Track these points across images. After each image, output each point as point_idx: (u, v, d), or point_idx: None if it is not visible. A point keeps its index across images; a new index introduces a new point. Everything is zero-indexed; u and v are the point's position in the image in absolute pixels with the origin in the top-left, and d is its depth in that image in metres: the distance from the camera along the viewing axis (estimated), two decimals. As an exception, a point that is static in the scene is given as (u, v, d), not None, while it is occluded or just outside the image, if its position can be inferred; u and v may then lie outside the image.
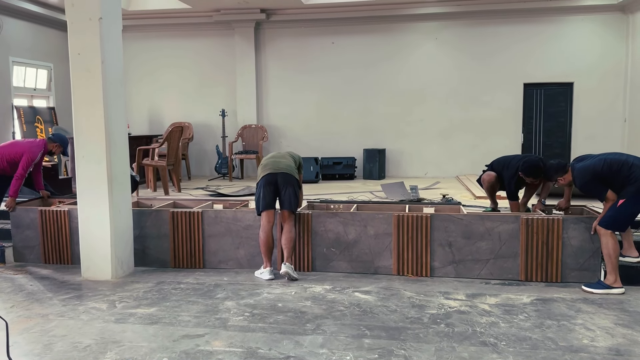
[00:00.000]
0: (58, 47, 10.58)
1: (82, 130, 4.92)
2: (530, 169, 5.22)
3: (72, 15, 4.84)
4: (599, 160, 4.55)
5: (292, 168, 5.19)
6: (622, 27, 9.48)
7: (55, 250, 5.66)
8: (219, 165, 10.28)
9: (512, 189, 5.50)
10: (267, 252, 5.01)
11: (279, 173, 5.05)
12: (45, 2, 9.68)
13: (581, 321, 3.85)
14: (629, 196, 4.41)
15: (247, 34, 10.47)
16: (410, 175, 10.22)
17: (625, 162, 4.48)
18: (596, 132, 9.76)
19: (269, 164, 5.17)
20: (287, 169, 5.13)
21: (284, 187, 5.02)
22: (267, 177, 5.04)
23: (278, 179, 5.03)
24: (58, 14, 10.15)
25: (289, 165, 5.19)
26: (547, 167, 4.90)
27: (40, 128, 9.81)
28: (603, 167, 4.50)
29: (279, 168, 5.09)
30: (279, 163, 5.15)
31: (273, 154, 5.39)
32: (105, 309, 4.18)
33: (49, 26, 10.27)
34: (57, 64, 10.50)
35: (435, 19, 10.05)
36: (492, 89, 10.05)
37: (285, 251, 5.01)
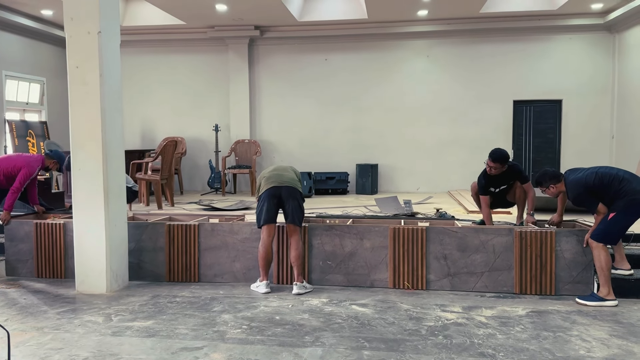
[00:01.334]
0: (51, 62, 10.59)
1: (79, 143, 4.93)
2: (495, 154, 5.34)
3: (71, 29, 4.87)
4: (590, 173, 4.64)
5: (295, 181, 5.18)
6: (608, 46, 9.71)
7: (49, 264, 5.62)
8: (211, 179, 10.27)
9: (482, 183, 5.55)
10: (266, 265, 5.01)
11: (283, 186, 5.03)
12: (39, 17, 9.71)
13: (577, 332, 3.90)
14: (619, 210, 4.49)
15: (241, 50, 10.56)
16: (402, 190, 10.29)
17: (616, 176, 4.57)
18: (584, 148, 9.92)
19: (272, 176, 5.12)
20: (291, 182, 5.12)
21: (288, 200, 5.00)
22: (271, 190, 5.00)
23: (282, 192, 5.01)
24: (52, 28, 10.18)
25: (293, 178, 5.18)
26: (542, 173, 4.93)
27: (32, 142, 9.76)
28: (595, 180, 4.59)
29: (283, 181, 5.07)
30: (283, 176, 5.13)
31: (275, 167, 5.35)
32: (101, 322, 4.15)
33: (42, 41, 10.28)
34: (49, 78, 10.49)
35: (427, 37, 10.21)
36: (482, 106, 10.20)
37: (295, 269, 4.98)
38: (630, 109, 9.17)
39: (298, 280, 4.97)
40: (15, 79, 9.73)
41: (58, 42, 10.67)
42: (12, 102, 9.72)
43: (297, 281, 4.96)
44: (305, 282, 5.04)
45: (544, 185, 4.87)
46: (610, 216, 4.51)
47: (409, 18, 9.78)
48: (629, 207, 4.48)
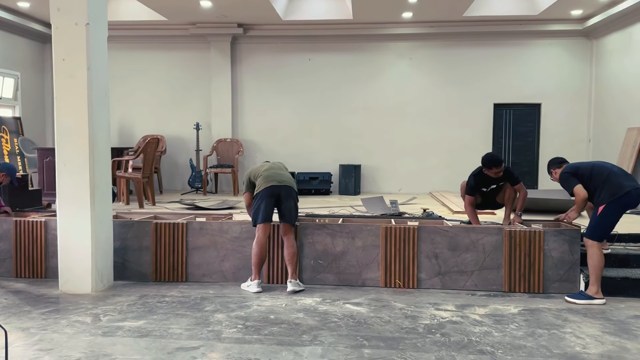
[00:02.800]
0: (26, 56, 10.28)
1: (65, 138, 4.77)
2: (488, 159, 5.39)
3: (57, 20, 4.72)
4: (586, 162, 4.88)
5: (292, 181, 5.16)
6: (586, 52, 9.95)
7: (28, 263, 5.43)
8: (192, 179, 10.12)
9: (471, 184, 5.59)
10: (259, 264, 4.94)
11: (282, 186, 4.98)
12: (15, 9, 9.41)
13: (570, 330, 3.95)
14: (606, 201, 4.56)
15: (223, 48, 10.44)
16: (384, 191, 10.32)
17: (609, 169, 4.71)
18: (562, 151, 10.08)
19: (270, 175, 5.04)
20: (290, 181, 5.09)
21: (286, 200, 4.97)
22: (271, 189, 4.94)
23: (281, 192, 4.96)
24: (27, 21, 9.88)
25: (291, 178, 5.18)
26: (551, 160, 5.13)
27: (5, 138, 9.44)
28: (586, 166, 4.79)
29: (282, 181, 5.02)
30: (282, 175, 5.09)
31: (271, 165, 5.24)
32: (89, 322, 4.02)
33: (16, 34, 9.96)
34: (24, 73, 10.18)
35: (410, 39, 10.29)
36: (463, 109, 10.32)
37: (289, 267, 4.95)
38: (606, 114, 9.41)
39: (292, 277, 4.92)
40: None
41: (34, 36, 10.37)
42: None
43: (291, 279, 4.92)
44: (298, 280, 5.00)
45: (549, 171, 5.10)
46: (600, 210, 4.59)
47: (393, 20, 9.84)
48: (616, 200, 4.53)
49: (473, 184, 5.53)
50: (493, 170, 5.35)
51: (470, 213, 5.59)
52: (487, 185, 5.54)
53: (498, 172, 5.37)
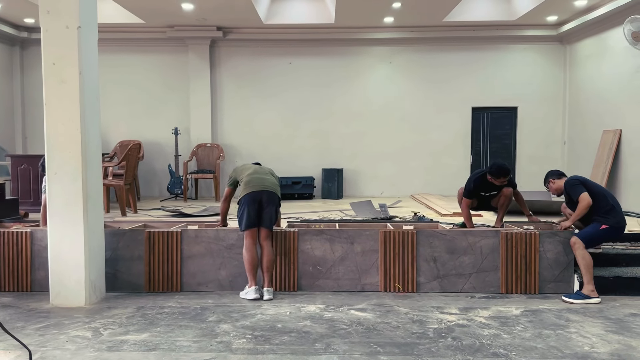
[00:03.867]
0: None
1: (56, 145, 4.58)
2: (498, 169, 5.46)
3: (47, 23, 4.54)
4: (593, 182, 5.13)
5: (276, 186, 5.11)
6: (560, 57, 10.24)
7: (13, 276, 5.19)
8: (171, 185, 9.91)
9: (470, 188, 5.65)
10: (253, 270, 4.87)
11: (264, 191, 4.94)
12: (-17, 11, 9.03)
13: (575, 330, 4.03)
14: (610, 224, 4.85)
15: (201, 51, 10.28)
16: (366, 194, 10.35)
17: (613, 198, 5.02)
18: (538, 153, 10.38)
19: (252, 180, 5.00)
20: (272, 187, 5.04)
21: (267, 205, 4.92)
22: (253, 195, 4.90)
23: (263, 197, 4.92)
24: None
25: (274, 183, 5.12)
26: (548, 172, 5.39)
27: (-26, 145, 9.03)
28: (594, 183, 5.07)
29: (264, 186, 4.97)
30: (265, 180, 5.04)
31: (255, 169, 5.20)
32: (90, 337, 3.86)
33: (-15, 36, 9.58)
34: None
35: (390, 44, 10.36)
36: (443, 112, 10.46)
37: (266, 275, 4.90)
38: (581, 116, 9.70)
39: (268, 285, 4.88)
40: (-45, 77, 8.98)
41: (3, 39, 9.97)
42: (-48, 101, 8.97)
43: (267, 287, 4.88)
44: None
45: (546, 180, 5.28)
46: (603, 226, 4.85)
47: (374, 24, 9.89)
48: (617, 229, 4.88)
49: (472, 188, 5.59)
50: (500, 180, 5.46)
51: (466, 216, 5.65)
52: (487, 190, 5.62)
53: (504, 181, 5.49)
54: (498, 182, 5.47)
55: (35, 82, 10.41)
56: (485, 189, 5.61)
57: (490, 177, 5.47)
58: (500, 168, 5.46)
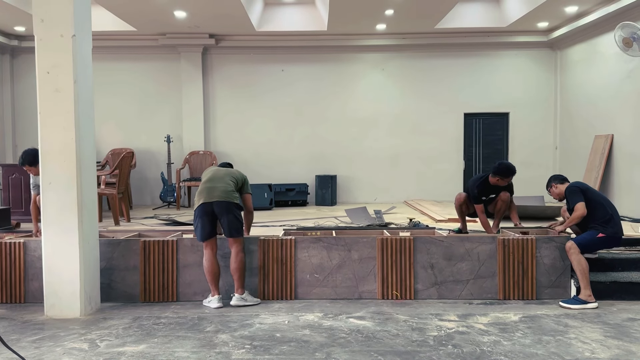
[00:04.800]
0: (-16, 67, 9.78)
1: (50, 154, 4.53)
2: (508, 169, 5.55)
3: (41, 32, 4.49)
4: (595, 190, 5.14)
5: (228, 193, 4.91)
6: (551, 62, 10.33)
7: (6, 288, 5.11)
8: (163, 193, 9.85)
9: (475, 193, 5.70)
10: (213, 280, 4.88)
11: (214, 202, 4.85)
12: (-27, 19, 8.94)
13: (574, 335, 4.03)
14: (608, 234, 4.87)
15: (194, 58, 10.25)
16: (360, 200, 10.35)
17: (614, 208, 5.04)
18: (530, 158, 10.45)
19: (203, 190, 4.93)
20: (223, 195, 4.87)
21: (222, 215, 4.84)
22: (203, 207, 4.86)
23: (214, 208, 4.85)
24: (-14, 31, 9.41)
25: (225, 190, 4.91)
26: (553, 175, 5.40)
27: (-37, 154, 8.92)
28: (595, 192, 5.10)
29: (213, 196, 4.86)
30: (214, 190, 4.90)
31: (210, 177, 5.04)
32: (87, 348, 3.80)
33: (-26, 44, 9.48)
34: (-18, 85, 9.68)
35: (382, 50, 10.40)
36: (435, 118, 10.50)
37: (235, 281, 4.90)
38: (572, 122, 9.78)
39: (237, 292, 4.88)
40: (-56, 85, 8.87)
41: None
42: (-59, 110, 8.86)
43: (235, 292, 4.88)
44: (246, 294, 4.93)
45: (548, 185, 5.29)
46: (600, 235, 4.87)
47: (367, 31, 9.93)
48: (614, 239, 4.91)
49: (477, 194, 5.62)
50: (508, 179, 5.53)
51: (484, 221, 5.67)
52: (487, 194, 5.64)
53: (509, 180, 5.59)
54: (505, 182, 5.53)
55: (25, 91, 10.32)
56: (486, 193, 5.64)
57: (498, 177, 5.51)
58: (509, 167, 5.57)
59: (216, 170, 5.16)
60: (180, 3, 8.08)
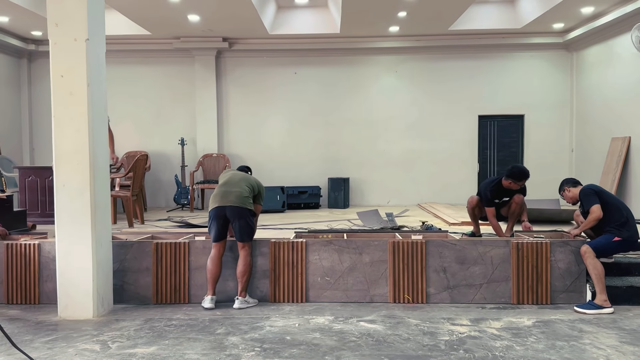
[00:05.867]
0: (2, 72, 9.96)
1: (64, 157, 4.58)
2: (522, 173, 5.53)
3: (56, 36, 4.55)
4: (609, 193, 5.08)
5: (242, 198, 4.94)
6: (566, 64, 10.21)
7: (21, 289, 5.17)
8: (177, 195, 9.91)
9: (488, 197, 5.66)
10: (212, 280, 4.94)
11: (227, 206, 4.90)
12: (-8, 24, 9.11)
13: (588, 341, 3.96)
14: (624, 237, 4.79)
15: (207, 62, 10.32)
16: (373, 203, 10.31)
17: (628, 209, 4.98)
18: (546, 161, 10.32)
19: (218, 194, 5.00)
20: (236, 201, 4.91)
21: (234, 220, 4.90)
22: (216, 211, 4.92)
23: (227, 212, 4.90)
24: (5, 36, 9.57)
25: (239, 195, 4.95)
26: (566, 179, 5.31)
27: (-18, 157, 9.07)
28: (610, 194, 5.02)
29: (227, 200, 4.91)
30: (229, 194, 4.95)
31: (226, 180, 5.11)
32: (99, 350, 3.83)
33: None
34: (0, 89, 9.84)
35: (395, 52, 10.37)
36: (449, 121, 10.43)
37: (239, 284, 4.95)
38: (589, 124, 9.64)
39: (240, 295, 4.93)
40: (-37, 90, 9.04)
41: (10, 51, 10.05)
42: (-40, 114, 9.03)
43: (238, 295, 4.93)
44: (247, 297, 4.99)
45: (561, 188, 5.21)
46: (616, 239, 4.79)
47: (380, 34, 9.90)
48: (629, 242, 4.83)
49: (490, 197, 5.57)
50: (521, 183, 5.49)
51: (495, 225, 5.62)
52: (500, 197, 5.59)
53: (522, 184, 5.55)
54: (518, 185, 5.49)
55: (42, 94, 10.47)
56: (499, 196, 5.59)
57: (511, 180, 5.47)
58: (522, 171, 5.53)
59: (232, 175, 5.21)
60: (194, 7, 8.14)
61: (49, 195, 7.47)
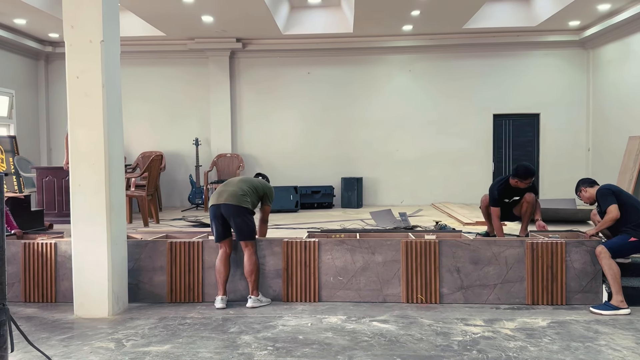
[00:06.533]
0: (20, 73, 10.12)
1: (80, 157, 4.64)
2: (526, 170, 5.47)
3: (71, 38, 4.61)
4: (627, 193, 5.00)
5: (237, 197, 4.93)
6: (583, 62, 10.08)
7: (38, 287, 5.25)
8: (192, 195, 9.99)
9: (495, 196, 5.62)
10: (221, 280, 4.98)
11: (221, 204, 4.94)
12: (10, 26, 9.25)
13: (604, 342, 3.91)
14: None
15: (221, 62, 10.38)
16: (386, 203, 10.29)
17: None
18: (562, 160, 10.21)
19: (214, 194, 5.07)
20: (229, 198, 4.92)
21: (230, 218, 4.92)
22: (212, 209, 5.00)
23: (221, 210, 4.93)
24: (22, 38, 9.73)
25: (234, 194, 4.95)
26: (582, 179, 5.24)
27: (1, 158, 9.23)
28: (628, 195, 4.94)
29: (221, 199, 4.95)
30: (223, 193, 4.99)
31: (226, 182, 5.21)
32: (113, 348, 3.88)
33: (11, 51, 9.80)
34: (18, 91, 10.01)
35: (409, 52, 10.33)
36: (463, 120, 10.36)
37: (249, 283, 4.98)
38: (606, 122, 9.51)
39: (252, 294, 4.95)
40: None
41: (28, 53, 10.21)
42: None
43: (250, 294, 4.95)
44: (260, 296, 5.01)
45: (578, 189, 5.16)
46: (632, 239, 4.72)
47: (393, 33, 9.88)
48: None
49: (497, 196, 5.53)
50: (527, 181, 5.43)
51: (497, 226, 5.58)
52: (510, 196, 5.54)
53: (529, 182, 5.46)
54: (525, 183, 5.43)
55: (59, 95, 10.62)
56: (508, 195, 5.54)
57: (517, 179, 5.42)
58: (527, 169, 5.48)
59: (235, 178, 5.33)
60: (208, 8, 8.20)
61: (66, 195, 7.58)
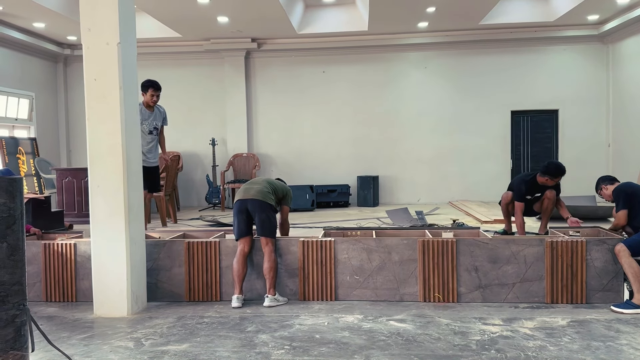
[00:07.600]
0: (40, 76, 10.28)
1: (98, 158, 4.70)
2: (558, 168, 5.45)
3: (89, 40, 4.67)
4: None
5: (264, 193, 5.08)
6: (602, 57, 9.92)
7: (59, 287, 5.33)
8: (209, 195, 10.06)
9: (522, 191, 5.58)
10: (237, 279, 4.99)
11: (248, 200, 5.03)
12: (30, 30, 9.41)
13: (625, 341, 3.84)
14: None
15: (237, 62, 10.43)
16: (403, 201, 10.24)
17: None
18: (581, 157, 10.06)
19: (241, 190, 5.18)
20: (257, 195, 5.06)
21: (255, 213, 5.01)
22: (238, 205, 5.07)
23: (248, 205, 5.03)
24: (42, 42, 9.89)
25: (260, 190, 5.11)
26: (602, 177, 5.17)
27: (22, 159, 9.40)
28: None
29: (249, 194, 5.06)
30: (250, 190, 5.12)
31: (251, 180, 5.39)
32: (132, 347, 3.92)
33: (31, 54, 9.97)
34: (38, 94, 10.17)
35: (425, 49, 10.27)
36: (480, 117, 10.27)
37: (267, 281, 4.99)
38: (626, 118, 9.35)
39: (269, 292, 4.95)
40: (4, 94, 9.38)
41: (47, 56, 10.37)
42: (1, 117, 9.37)
43: (267, 293, 4.96)
44: (277, 295, 5.01)
45: (598, 187, 5.10)
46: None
47: (409, 30, 9.82)
48: None
49: (524, 191, 5.48)
50: (558, 179, 5.43)
51: (519, 223, 5.53)
52: (533, 193, 5.49)
53: (558, 180, 5.49)
54: (554, 181, 5.40)
55: (78, 98, 10.77)
56: (532, 192, 5.49)
57: (547, 177, 5.37)
58: (559, 167, 5.44)
59: (259, 177, 5.53)
60: (223, 9, 8.24)
61: (85, 196, 7.69)
